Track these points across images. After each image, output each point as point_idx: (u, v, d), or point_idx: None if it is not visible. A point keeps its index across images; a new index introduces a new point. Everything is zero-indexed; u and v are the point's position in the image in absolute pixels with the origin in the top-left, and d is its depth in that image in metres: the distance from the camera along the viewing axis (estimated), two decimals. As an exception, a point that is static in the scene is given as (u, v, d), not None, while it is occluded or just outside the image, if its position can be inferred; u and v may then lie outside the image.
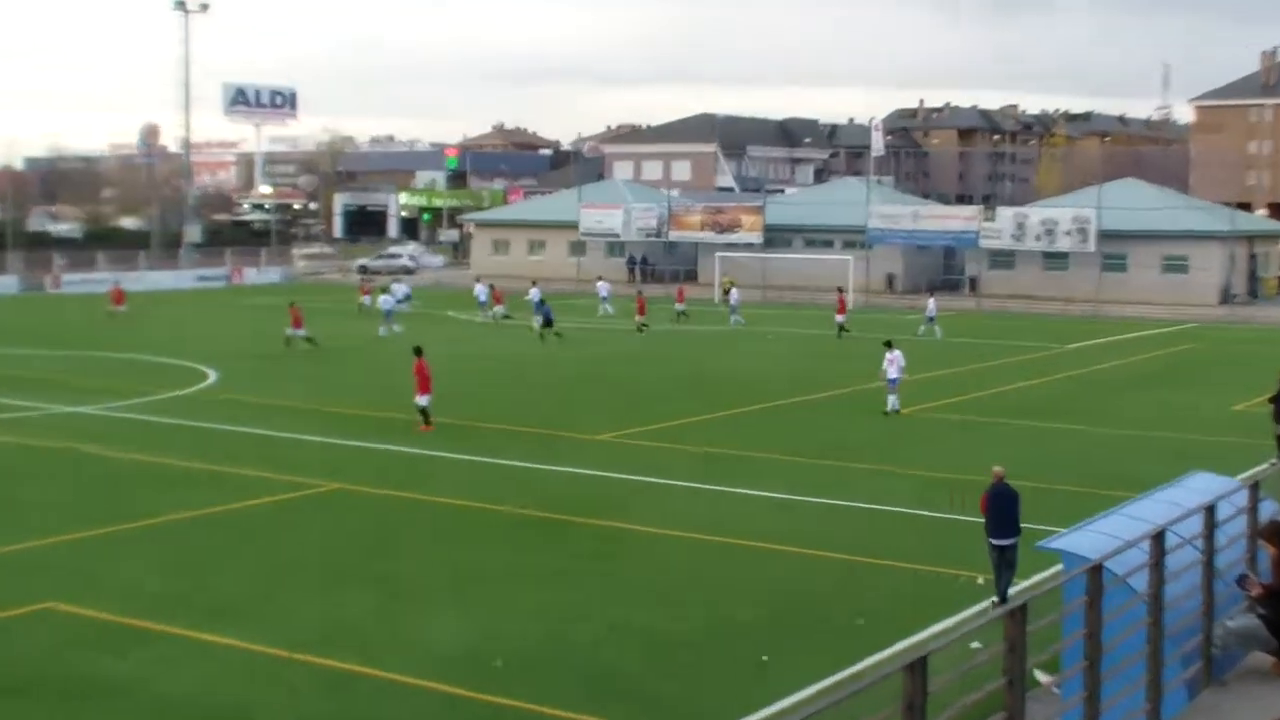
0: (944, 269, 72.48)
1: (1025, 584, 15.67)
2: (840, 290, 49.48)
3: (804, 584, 16.09)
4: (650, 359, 40.08)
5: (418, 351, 26.66)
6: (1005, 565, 14.87)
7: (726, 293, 58.32)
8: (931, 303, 49.26)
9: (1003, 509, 14.85)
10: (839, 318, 47.21)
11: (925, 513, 19.73)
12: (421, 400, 26.16)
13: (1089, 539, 12.01)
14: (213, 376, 34.68)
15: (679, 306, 52.89)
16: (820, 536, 18.28)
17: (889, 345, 29.13)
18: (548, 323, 44.38)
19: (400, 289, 53.59)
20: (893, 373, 28.51)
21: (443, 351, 41.28)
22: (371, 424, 27.11)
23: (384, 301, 48.64)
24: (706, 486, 21.41)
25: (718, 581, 16.04)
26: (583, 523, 18.84)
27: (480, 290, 54.67)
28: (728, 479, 21.93)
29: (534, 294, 54.68)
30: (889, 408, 28.44)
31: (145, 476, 21.93)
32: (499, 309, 51.13)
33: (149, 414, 28.33)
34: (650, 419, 28.11)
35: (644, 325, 48.49)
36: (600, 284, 57.95)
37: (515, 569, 16.48)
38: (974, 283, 66.84)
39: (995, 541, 14.89)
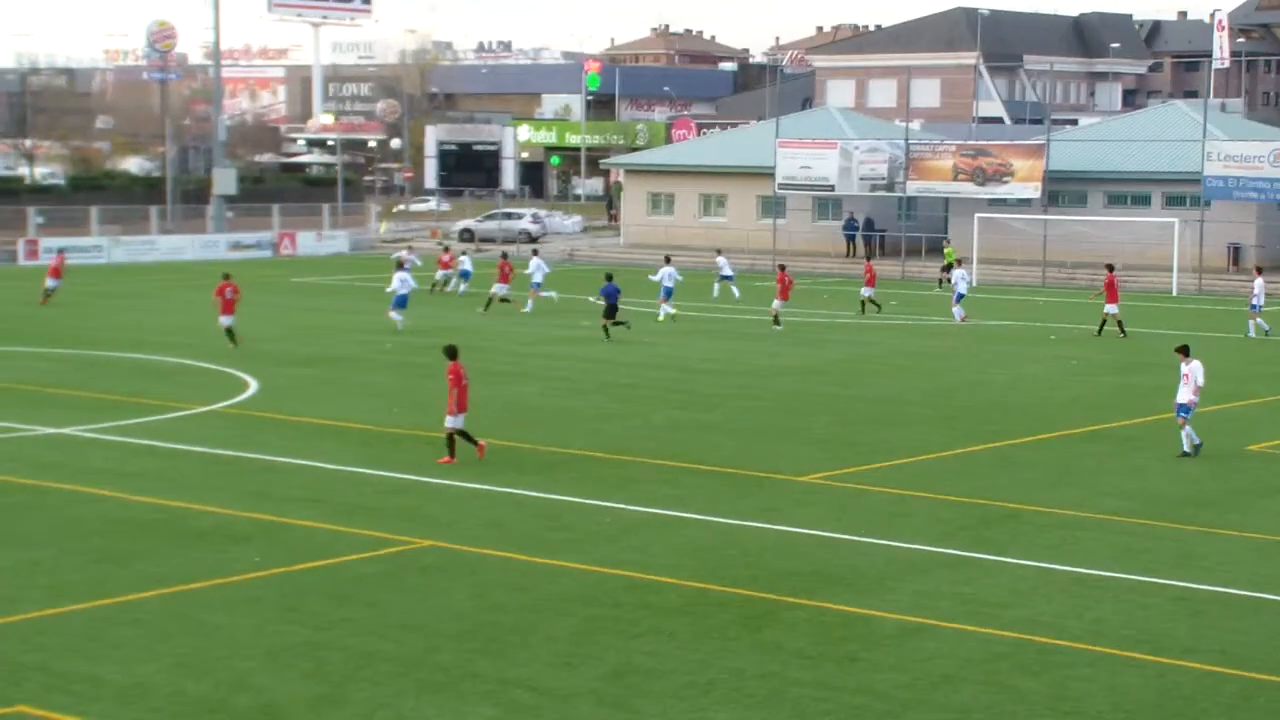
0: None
1: None
2: (868, 262, 53.16)
3: (1121, 708, 15.94)
4: (868, 366, 40.25)
5: (451, 353, 27.22)
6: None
7: (947, 270, 57.83)
8: (1259, 284, 49.28)
9: None
10: (866, 290, 53.40)
11: (1290, 602, 19.52)
12: (452, 421, 26.75)
13: None
14: (254, 386, 35.99)
15: (866, 292, 53.87)
16: (1145, 635, 18.12)
17: (1185, 352, 28.75)
18: (611, 311, 46.23)
19: (537, 263, 54.86)
20: (1185, 395, 28.31)
21: (581, 354, 42.23)
22: (487, 453, 27.92)
23: (535, 268, 53.63)
24: (978, 555, 21.56)
25: (1013, 697, 16.02)
26: (798, 606, 19.01)
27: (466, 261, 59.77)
28: (1007, 545, 22.11)
29: (722, 263, 55.84)
30: (1184, 447, 28.38)
31: (161, 529, 22.79)
32: (500, 288, 53.25)
33: (162, 438, 29.48)
34: (878, 454, 28.46)
35: (873, 304, 52.81)
36: (720, 259, 58.42)
37: (698, 675, 16.68)
38: (1369, 258, 64.76)
39: None
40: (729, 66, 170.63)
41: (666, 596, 19.41)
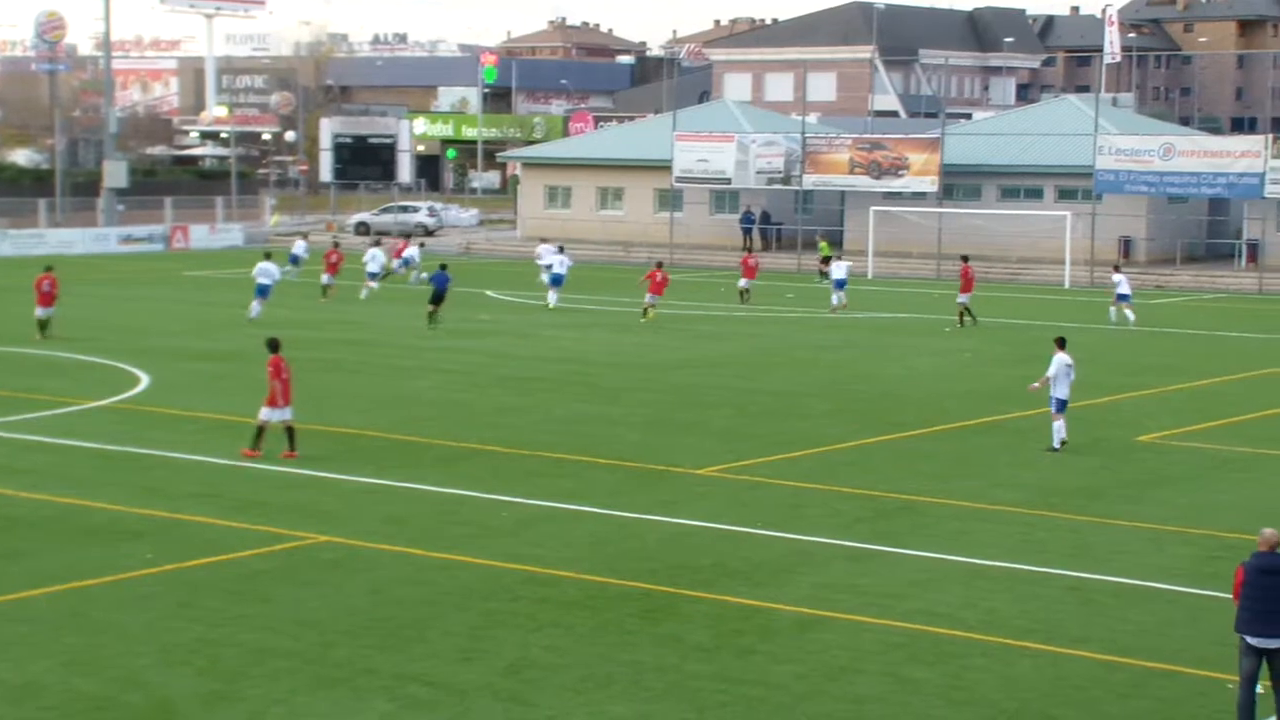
0: (1208, 229, 71.53)
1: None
2: (749, 253, 53.93)
3: (1014, 696, 16.12)
4: (767, 359, 40.46)
5: (272, 346, 27.19)
6: (1276, 681, 14.60)
7: (826, 262, 58.62)
8: (1122, 277, 50.41)
9: (1270, 595, 14.48)
10: (743, 281, 55.05)
11: (1184, 589, 19.87)
12: (267, 414, 26.69)
13: None
14: (145, 381, 35.62)
15: (743, 283, 55.22)
16: (1038, 624, 18.34)
17: (1061, 344, 28.96)
18: (437, 298, 47.11)
19: (373, 254, 57.15)
20: (1060, 390, 28.47)
21: (478, 347, 42.14)
22: (381, 449, 27.81)
23: (370, 258, 55.34)
24: (875, 548, 21.71)
25: (909, 688, 16.16)
26: (697, 599, 19.07)
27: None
28: (905, 536, 22.30)
29: (546, 254, 55.53)
30: (1065, 437, 28.52)
31: (52, 526, 22.50)
32: (326, 278, 55.42)
33: (54, 434, 29.11)
34: (776, 446, 28.59)
35: (745, 293, 54.19)
36: (543, 247, 57.92)
37: (596, 668, 16.71)
38: (1254, 250, 65.91)
39: (1253, 642, 14.55)
40: (626, 60, 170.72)
41: (565, 590, 19.42)
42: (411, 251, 62.60)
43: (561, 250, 55.83)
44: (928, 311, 51.12)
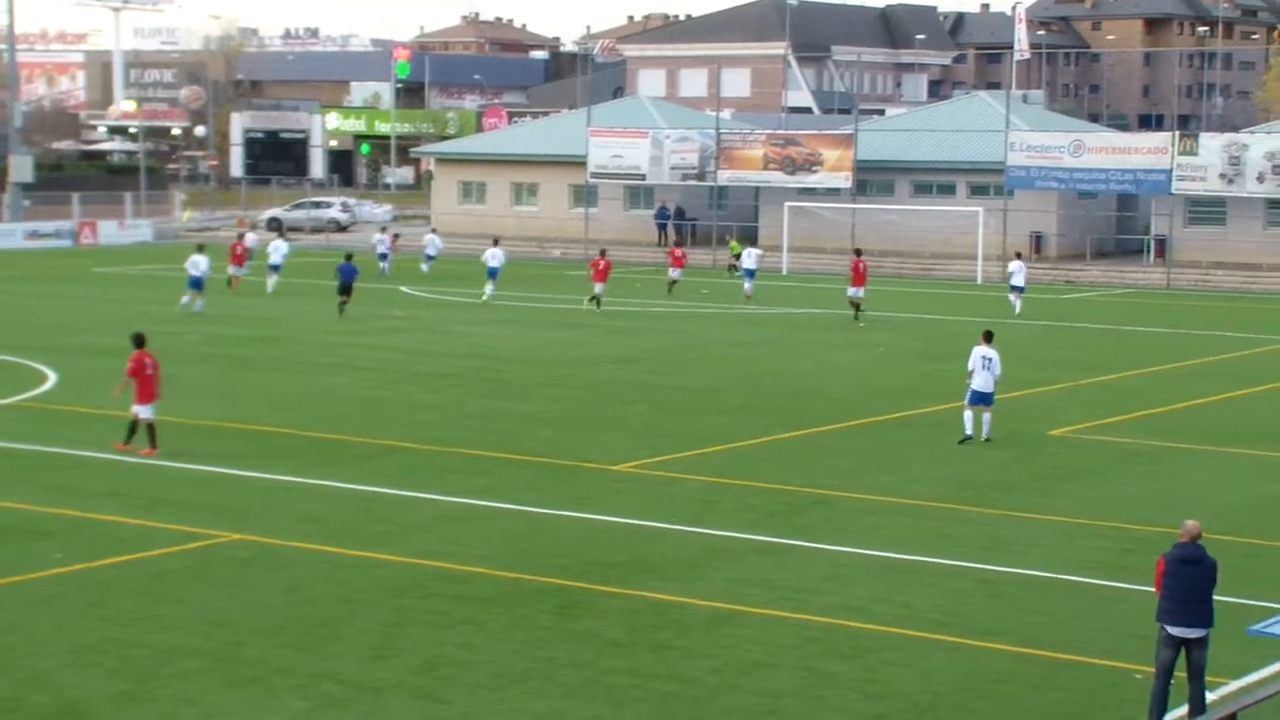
0: (1117, 225, 72.35)
1: (1234, 685, 15.78)
2: (602, 253, 53.52)
3: (929, 689, 16.23)
4: (682, 355, 40.53)
5: (137, 341, 27.01)
6: (1192, 671, 14.82)
7: (737, 259, 59.36)
8: (1018, 266, 51.89)
9: (1190, 585, 14.66)
10: (674, 272, 56.05)
11: (1095, 581, 20.06)
12: (141, 410, 26.56)
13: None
14: (53, 378, 35.19)
15: (674, 273, 56.47)
16: (952, 617, 18.47)
17: (989, 338, 29.25)
18: (344, 289, 48.01)
19: (276, 245, 57.60)
20: (975, 381, 28.69)
21: (394, 344, 41.95)
22: (295, 446, 27.64)
23: (274, 250, 56.12)
24: (790, 542, 21.76)
25: (824, 682, 16.24)
26: (612, 595, 19.07)
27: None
28: (819, 531, 22.39)
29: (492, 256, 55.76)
30: (968, 430, 28.79)
31: (-40, 523, 22.22)
32: (235, 269, 56.08)
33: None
34: (690, 442, 28.62)
35: (674, 284, 55.15)
36: (493, 251, 57.91)
37: (511, 665, 16.67)
38: (1162, 245, 66.76)
39: (1174, 631, 14.74)
40: (540, 55, 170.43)
41: (479, 587, 19.36)
42: (252, 239, 61.47)
43: (496, 243, 56.43)
44: (842, 307, 51.31)
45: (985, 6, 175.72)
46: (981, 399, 28.76)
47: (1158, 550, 15.42)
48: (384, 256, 63.93)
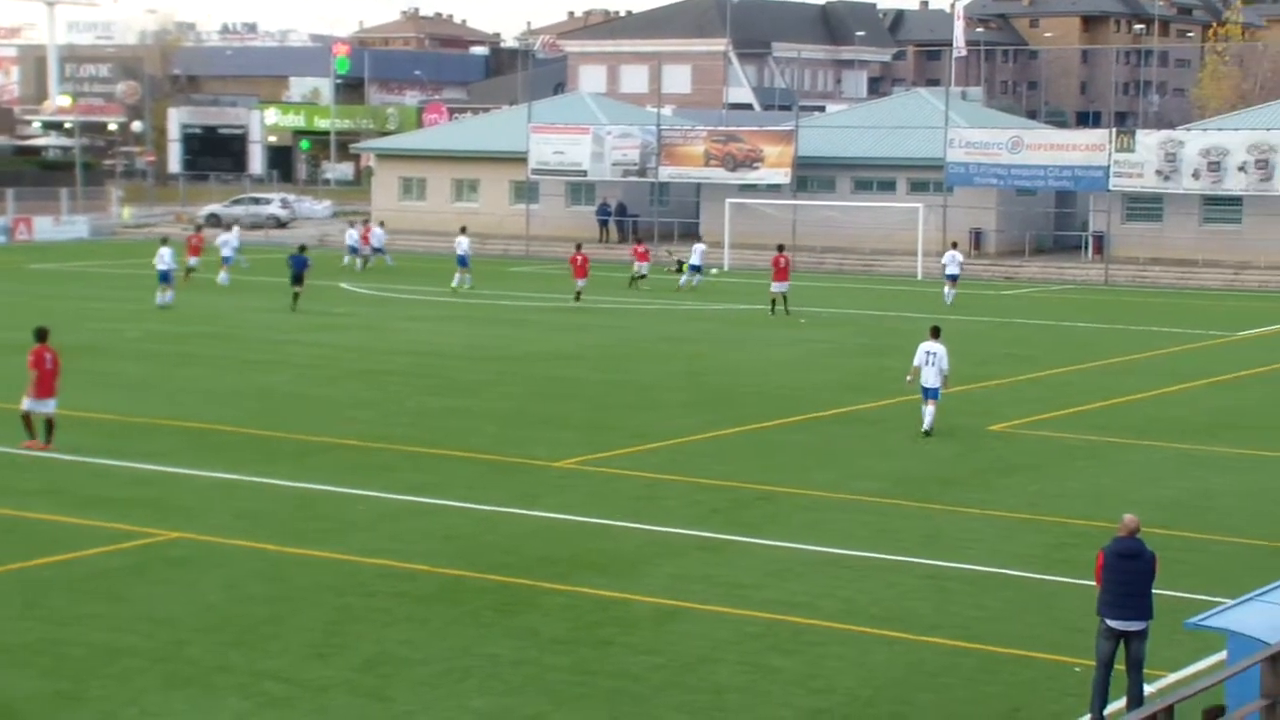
0: (1056, 222, 72.87)
1: (1172, 677, 15.93)
2: (579, 250, 54.26)
3: (870, 684, 16.29)
4: (624, 351, 40.54)
5: (39, 335, 26.91)
6: (1131, 664, 14.97)
7: (680, 270, 59.98)
8: (952, 255, 54.42)
9: (1129, 579, 14.84)
10: (641, 265, 57.80)
11: (1034, 575, 20.20)
12: (33, 404, 26.41)
13: (1266, 614, 12.21)
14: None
15: (640, 267, 57.83)
16: (894, 612, 18.55)
17: (936, 334, 29.55)
18: (297, 279, 48.65)
19: (225, 239, 58.69)
20: (932, 378, 28.96)
21: (335, 340, 41.77)
22: (234, 444, 27.47)
23: (223, 243, 57.24)
24: (733, 538, 21.80)
25: (767, 677, 16.27)
26: (555, 592, 19.05)
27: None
28: (762, 526, 22.42)
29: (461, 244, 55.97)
30: (925, 425, 29.14)
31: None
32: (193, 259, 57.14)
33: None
34: (633, 438, 28.62)
35: (639, 278, 56.18)
36: (460, 240, 58.16)
37: (454, 662, 16.63)
38: (1100, 241, 67.26)
39: (1113, 624, 14.87)
40: (480, 51, 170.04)
41: (422, 584, 19.31)
42: (228, 237, 60.79)
43: (464, 231, 58.00)
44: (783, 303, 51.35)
45: (924, 4, 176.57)
46: (925, 393, 28.97)
47: (1097, 544, 15.54)
48: (354, 250, 64.05)
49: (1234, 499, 24.52)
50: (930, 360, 28.90)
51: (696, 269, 57.08)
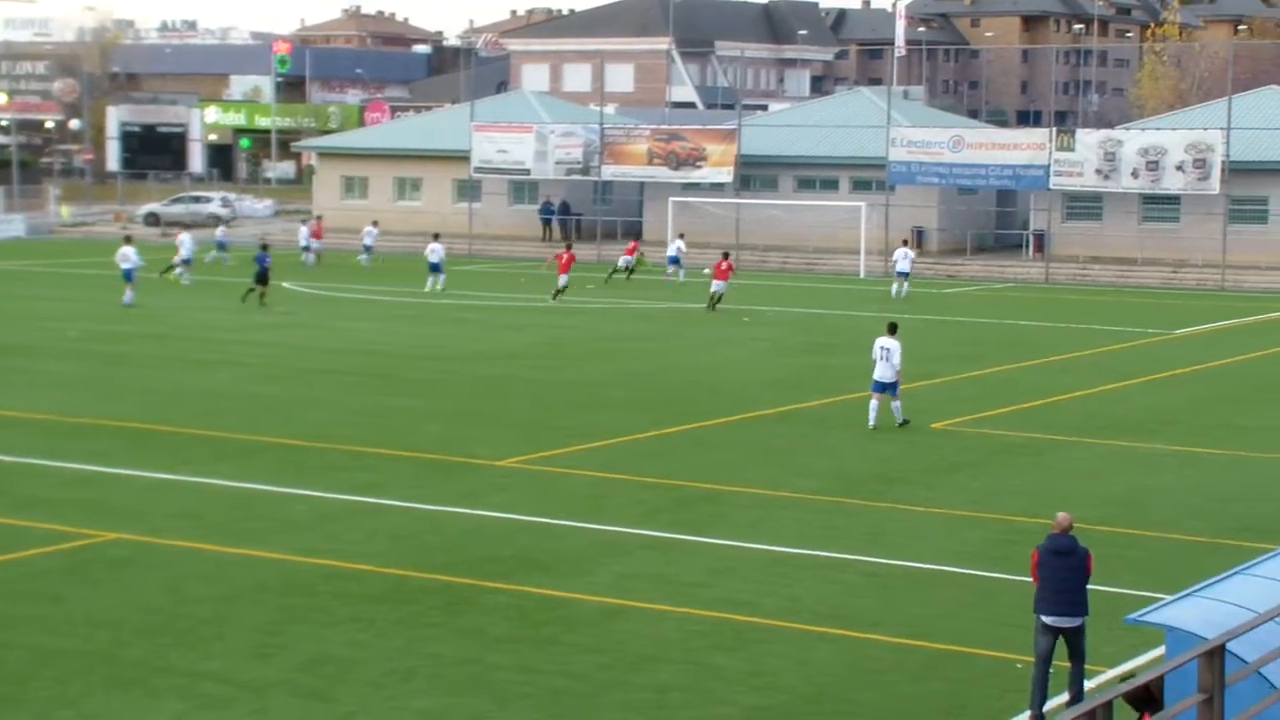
0: (997, 220, 73.32)
1: (1111, 673, 16.05)
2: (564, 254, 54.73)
3: (813, 682, 16.33)
4: (567, 350, 40.53)
5: None
6: (1072, 657, 15.11)
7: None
8: (903, 252, 55.94)
9: (1063, 576, 15.01)
10: (624, 259, 60.00)
11: (977, 572, 20.30)
12: None
13: (1204, 610, 12.32)
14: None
15: (625, 260, 60.09)
16: (836, 610, 18.60)
17: (892, 330, 30.10)
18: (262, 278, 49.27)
19: (183, 239, 58.32)
20: (877, 372, 29.64)
21: (277, 339, 41.59)
22: (175, 444, 27.30)
23: (181, 243, 56.38)
24: (677, 536, 21.83)
25: (711, 676, 16.29)
26: (499, 591, 19.02)
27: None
28: (706, 525, 22.44)
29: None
30: (870, 420, 29.61)
31: None
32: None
33: None
34: (577, 437, 28.60)
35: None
36: (433, 247, 57.76)
37: (397, 662, 16.59)
38: (1040, 240, 67.71)
39: (1049, 621, 15.05)
40: (423, 49, 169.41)
41: (365, 584, 19.24)
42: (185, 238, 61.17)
43: (437, 238, 58.06)
44: (727, 302, 51.53)
45: (866, 3, 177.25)
46: (880, 388, 29.47)
47: (1038, 541, 15.64)
48: (307, 248, 63.87)
49: (1172, 495, 24.74)
50: (885, 356, 29.37)
51: (675, 260, 59.19)
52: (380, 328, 44.99)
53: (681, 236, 62.26)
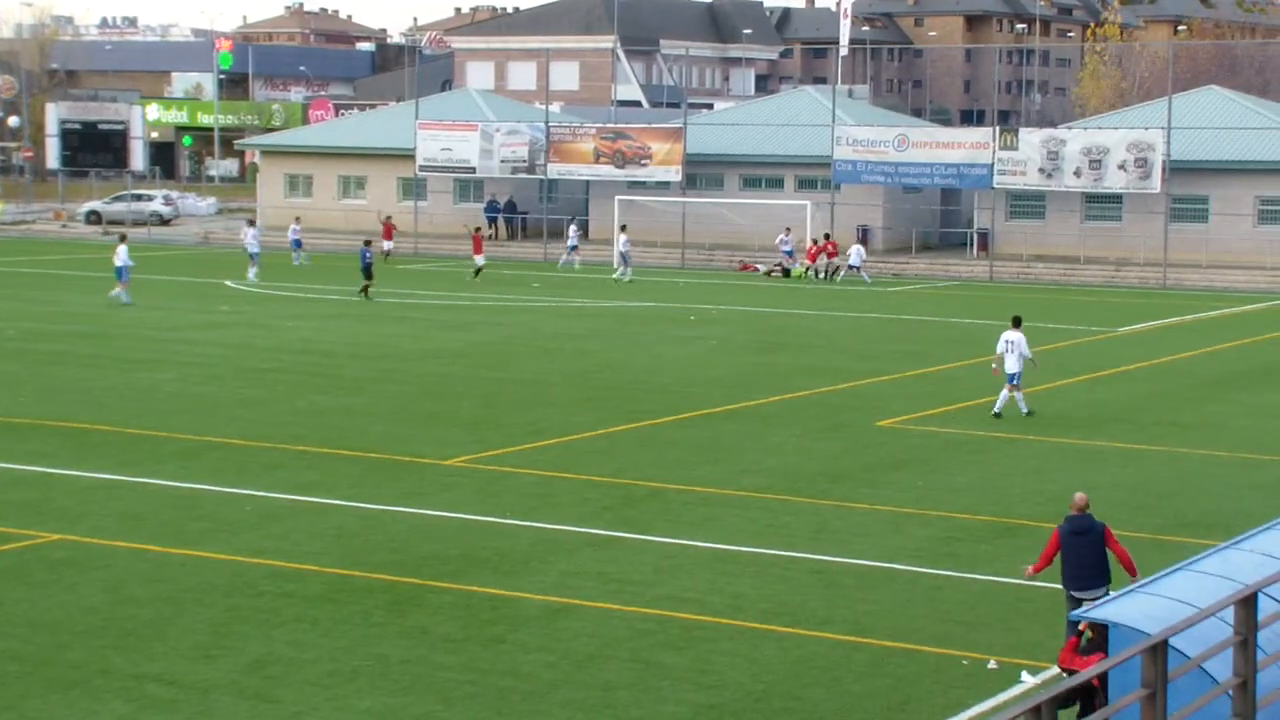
0: (941, 219, 73.68)
1: (1056, 669, 16.18)
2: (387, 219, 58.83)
3: (761, 679, 16.37)
4: (512, 349, 40.48)
5: None
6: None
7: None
8: (855, 249, 58.89)
9: (1085, 552, 16.07)
10: (479, 258, 59.56)
11: (922, 569, 20.35)
12: None
13: (1146, 605, 12.42)
14: None
15: (479, 260, 59.43)
16: (783, 607, 18.64)
17: (1017, 324, 31.99)
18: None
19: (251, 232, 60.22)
20: (1013, 364, 31.23)
21: (219, 339, 41.36)
22: (116, 444, 27.11)
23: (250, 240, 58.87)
24: (623, 535, 21.85)
25: (657, 673, 16.29)
26: (445, 590, 18.97)
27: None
28: (652, 523, 22.47)
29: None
30: (996, 408, 31.20)
31: None
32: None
33: None
34: (522, 436, 28.56)
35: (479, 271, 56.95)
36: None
37: (342, 662, 16.51)
38: (984, 238, 68.10)
39: (1077, 594, 16.13)
40: (367, 47, 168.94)
41: (309, 584, 19.16)
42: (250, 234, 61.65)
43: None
44: (673, 300, 51.60)
45: (811, 2, 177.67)
46: (1008, 379, 31.23)
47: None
48: (299, 245, 64.70)
49: (1116, 492, 24.89)
50: (1010, 349, 31.00)
51: (625, 258, 60.02)
52: (323, 326, 44.79)
53: (624, 229, 62.20)
